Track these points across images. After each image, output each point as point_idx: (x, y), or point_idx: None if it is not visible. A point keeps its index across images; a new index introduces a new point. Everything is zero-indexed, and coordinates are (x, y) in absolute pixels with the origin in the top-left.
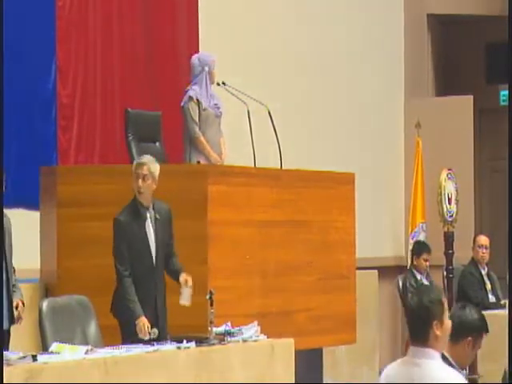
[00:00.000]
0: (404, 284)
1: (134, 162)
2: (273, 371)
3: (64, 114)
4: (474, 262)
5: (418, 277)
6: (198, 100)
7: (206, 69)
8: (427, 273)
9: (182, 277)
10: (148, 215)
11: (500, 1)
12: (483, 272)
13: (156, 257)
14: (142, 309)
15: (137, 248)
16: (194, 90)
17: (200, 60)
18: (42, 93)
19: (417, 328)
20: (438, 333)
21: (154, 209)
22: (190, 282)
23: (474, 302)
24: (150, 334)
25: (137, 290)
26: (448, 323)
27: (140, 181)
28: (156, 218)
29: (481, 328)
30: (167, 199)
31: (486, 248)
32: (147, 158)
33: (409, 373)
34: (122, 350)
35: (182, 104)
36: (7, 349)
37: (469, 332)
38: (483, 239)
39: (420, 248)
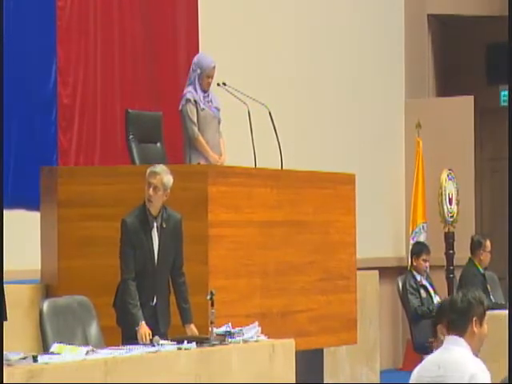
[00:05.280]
0: (404, 285)
1: (148, 169)
2: (273, 372)
3: (64, 114)
4: (473, 263)
5: (418, 278)
6: (195, 101)
7: (198, 71)
8: (427, 274)
9: (190, 330)
10: (155, 223)
11: (500, 1)
12: (483, 272)
13: (158, 263)
14: (142, 313)
15: (140, 253)
16: (190, 92)
17: (197, 60)
18: (43, 93)
19: (457, 319)
20: (475, 329)
21: (162, 217)
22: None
23: None
24: (151, 341)
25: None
26: (485, 328)
27: (151, 190)
28: (162, 227)
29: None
30: (167, 199)
31: (490, 252)
32: (161, 168)
33: (439, 357)
34: (122, 351)
35: (179, 107)
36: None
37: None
38: (489, 243)
39: (419, 249)
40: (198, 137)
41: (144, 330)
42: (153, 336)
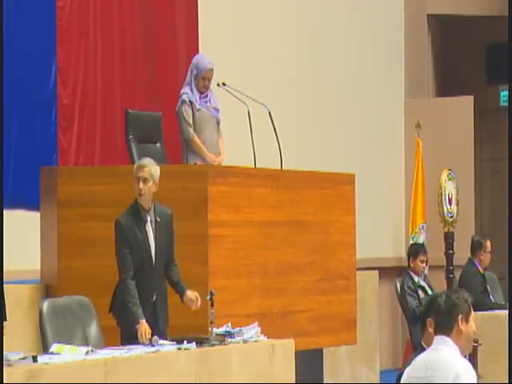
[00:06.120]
0: (402, 287)
1: (135, 165)
2: (273, 372)
3: (64, 114)
4: (473, 263)
5: (416, 279)
6: (190, 102)
7: (195, 72)
8: (424, 275)
9: (190, 295)
10: (148, 218)
11: (500, 1)
12: (482, 273)
13: (155, 259)
14: (142, 311)
15: (137, 250)
16: (186, 93)
17: (195, 61)
18: (43, 93)
19: (443, 320)
20: (461, 327)
21: (154, 211)
22: (199, 300)
23: (480, 302)
24: (150, 340)
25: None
26: (472, 325)
27: (141, 183)
28: (156, 221)
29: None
30: (167, 199)
31: (490, 252)
32: (148, 161)
33: (427, 357)
34: (122, 351)
35: (176, 109)
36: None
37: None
38: (489, 244)
39: (416, 250)
40: (194, 137)
41: (144, 327)
42: (152, 336)
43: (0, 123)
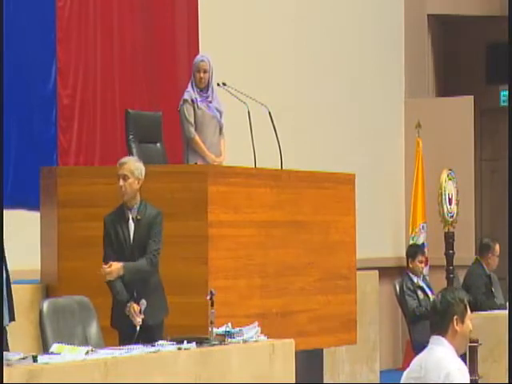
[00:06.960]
0: (401, 288)
1: (117, 164)
2: (273, 372)
3: (64, 114)
4: (480, 263)
5: (415, 280)
6: (192, 101)
7: (193, 69)
8: (423, 275)
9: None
10: (130, 215)
11: (500, 1)
12: (488, 273)
13: (132, 255)
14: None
15: (117, 246)
16: (188, 92)
17: (193, 62)
18: (43, 93)
19: (438, 320)
20: (457, 328)
21: (138, 210)
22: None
23: (479, 303)
24: (140, 311)
25: None
26: (468, 325)
27: (121, 180)
28: (137, 219)
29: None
30: (168, 199)
31: (498, 256)
32: (128, 158)
33: (422, 357)
34: (122, 351)
35: (178, 108)
36: (7, 345)
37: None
38: (498, 247)
39: (414, 251)
40: (195, 137)
41: (132, 306)
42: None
43: (0, 123)
